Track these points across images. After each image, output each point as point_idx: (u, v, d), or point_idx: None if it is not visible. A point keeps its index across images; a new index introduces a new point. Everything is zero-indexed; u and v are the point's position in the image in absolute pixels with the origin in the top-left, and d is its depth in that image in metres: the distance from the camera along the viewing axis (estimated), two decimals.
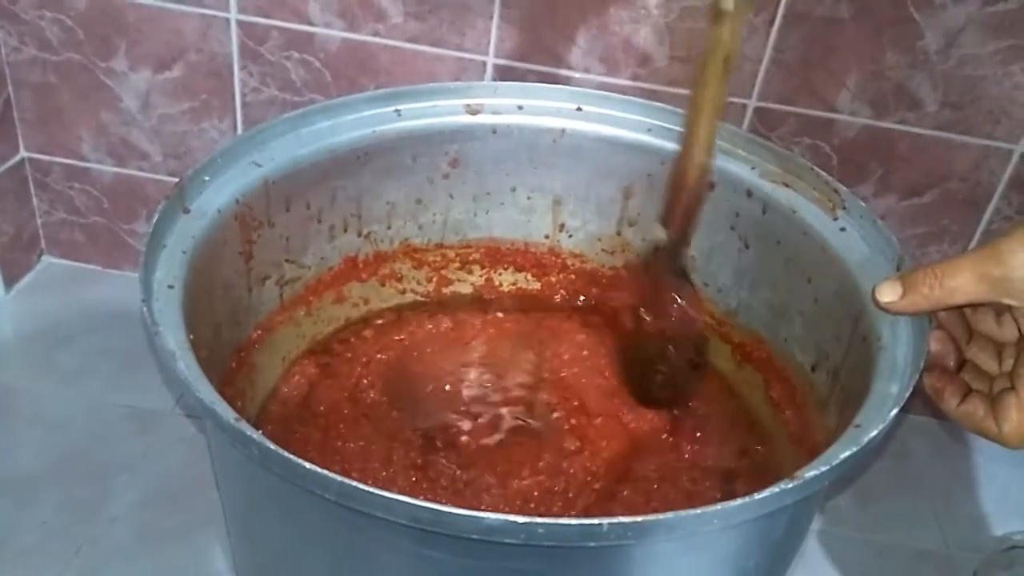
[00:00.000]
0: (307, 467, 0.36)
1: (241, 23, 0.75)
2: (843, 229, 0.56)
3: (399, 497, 0.35)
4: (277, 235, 0.59)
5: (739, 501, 0.37)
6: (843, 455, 0.40)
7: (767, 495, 0.37)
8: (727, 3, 0.49)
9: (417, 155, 0.64)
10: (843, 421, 0.46)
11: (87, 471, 0.70)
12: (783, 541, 0.48)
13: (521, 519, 0.35)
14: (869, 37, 0.69)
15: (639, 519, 0.36)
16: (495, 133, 0.65)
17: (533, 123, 0.65)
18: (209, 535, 0.66)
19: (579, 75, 0.74)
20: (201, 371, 0.42)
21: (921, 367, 0.45)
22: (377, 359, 0.65)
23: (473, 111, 0.63)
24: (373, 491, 0.36)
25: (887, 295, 0.45)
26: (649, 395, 0.62)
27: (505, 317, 0.70)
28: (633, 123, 0.64)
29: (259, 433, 0.38)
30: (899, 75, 0.71)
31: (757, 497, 0.37)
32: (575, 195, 0.68)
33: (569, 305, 0.71)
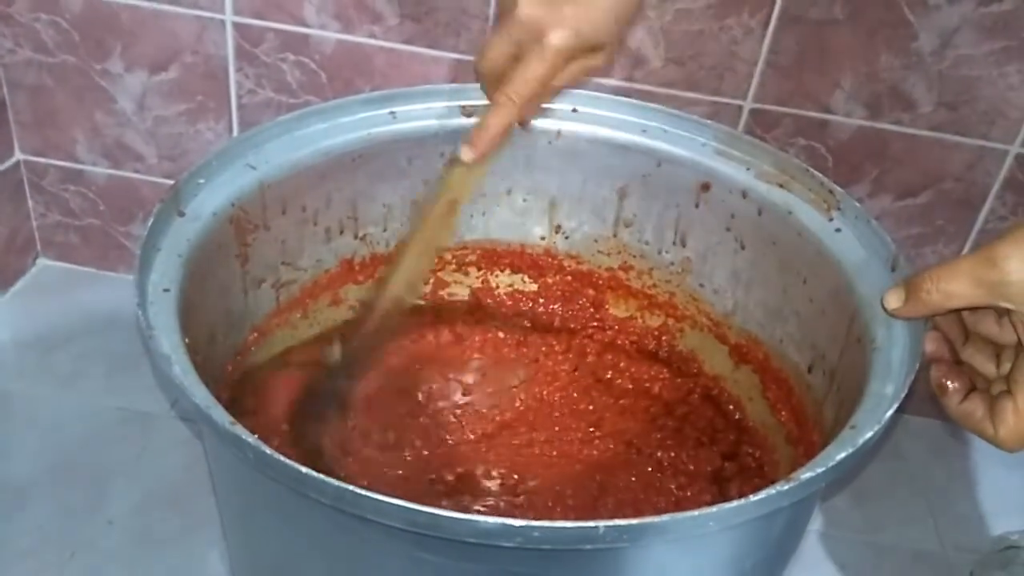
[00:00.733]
0: (304, 471, 0.36)
1: (237, 25, 0.75)
2: (838, 230, 0.56)
3: (396, 501, 0.35)
4: (273, 238, 0.59)
5: (735, 503, 0.37)
6: (839, 456, 0.40)
7: (763, 497, 0.37)
8: (465, 154, 0.56)
9: (412, 157, 0.64)
10: (839, 422, 0.46)
11: (82, 474, 0.70)
12: (780, 542, 0.48)
13: (517, 522, 0.35)
14: (864, 38, 0.69)
15: (635, 522, 0.36)
16: None
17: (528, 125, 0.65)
18: (205, 538, 0.66)
19: None
20: (196, 375, 0.41)
21: (916, 368, 0.45)
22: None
23: (468, 113, 0.63)
24: (370, 495, 0.35)
25: (892, 302, 0.45)
26: None
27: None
28: (628, 124, 0.64)
29: (255, 437, 0.38)
30: (894, 76, 0.71)
31: (753, 499, 0.37)
32: (570, 196, 0.68)
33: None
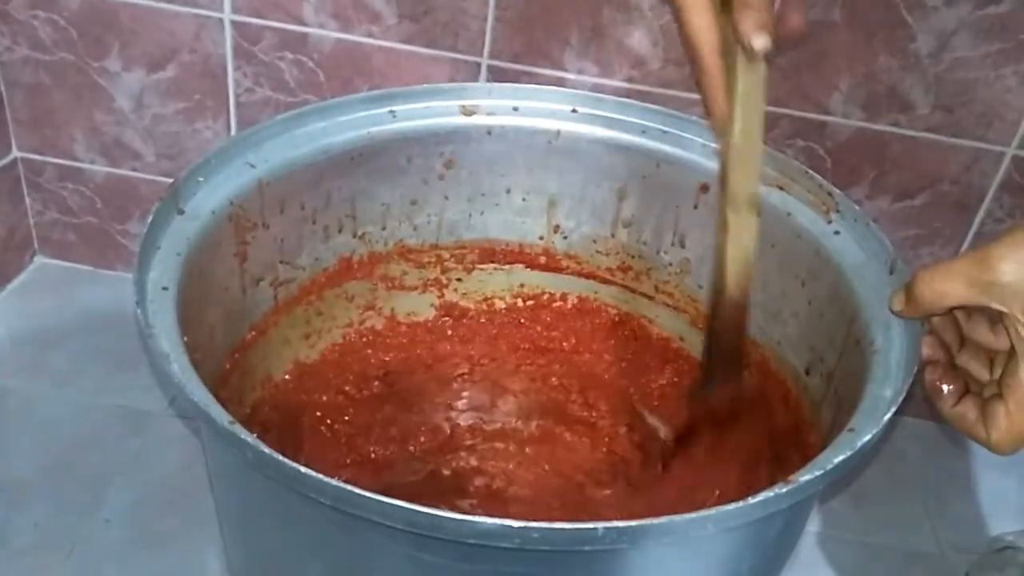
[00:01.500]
0: (303, 471, 0.36)
1: (235, 23, 0.75)
2: (837, 232, 0.56)
3: (395, 502, 0.35)
4: (271, 236, 0.59)
5: (733, 505, 0.37)
6: (837, 459, 0.40)
7: (761, 499, 0.37)
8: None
9: (412, 156, 0.64)
10: (837, 424, 0.46)
11: (80, 473, 0.70)
12: (777, 544, 0.48)
13: (516, 523, 0.35)
14: (861, 40, 0.69)
15: (634, 523, 0.36)
16: (490, 134, 0.65)
17: (528, 125, 0.65)
18: (203, 538, 0.66)
19: (573, 77, 0.74)
20: (195, 373, 0.41)
21: (914, 371, 0.45)
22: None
23: (468, 112, 0.63)
24: (369, 495, 0.35)
25: (897, 304, 0.46)
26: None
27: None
28: (627, 125, 0.64)
29: (254, 436, 0.38)
30: (891, 78, 0.71)
31: (751, 501, 0.37)
32: (570, 197, 0.68)
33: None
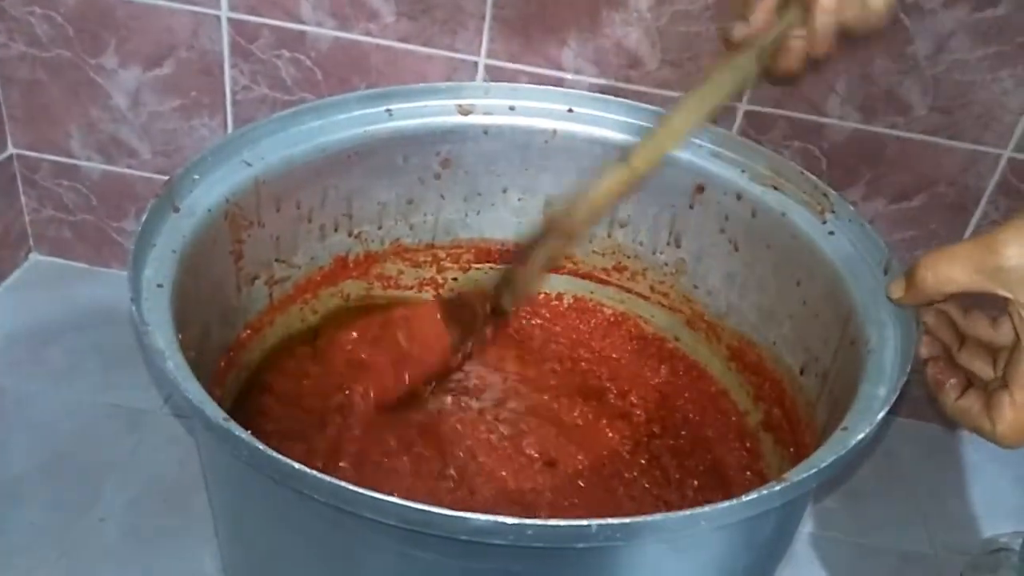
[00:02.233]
0: (296, 467, 0.36)
1: (232, 21, 0.75)
2: (832, 232, 0.56)
3: (389, 498, 0.35)
4: (267, 234, 0.58)
5: (727, 503, 0.37)
6: (831, 458, 0.40)
7: (755, 497, 0.38)
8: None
9: (408, 155, 0.64)
10: (831, 423, 0.46)
11: (75, 471, 0.70)
12: (771, 543, 0.49)
13: (510, 520, 0.35)
14: (859, 42, 0.70)
15: (627, 520, 0.36)
16: (486, 134, 0.65)
17: (524, 124, 0.65)
18: (198, 535, 0.66)
19: (570, 76, 0.74)
20: (190, 371, 0.41)
21: (908, 371, 0.45)
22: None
23: (465, 112, 0.63)
24: (363, 492, 0.35)
25: (895, 291, 0.46)
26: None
27: None
28: (623, 125, 0.64)
29: (248, 433, 0.38)
30: (889, 80, 0.71)
31: (745, 499, 0.37)
32: (566, 196, 0.68)
33: None
